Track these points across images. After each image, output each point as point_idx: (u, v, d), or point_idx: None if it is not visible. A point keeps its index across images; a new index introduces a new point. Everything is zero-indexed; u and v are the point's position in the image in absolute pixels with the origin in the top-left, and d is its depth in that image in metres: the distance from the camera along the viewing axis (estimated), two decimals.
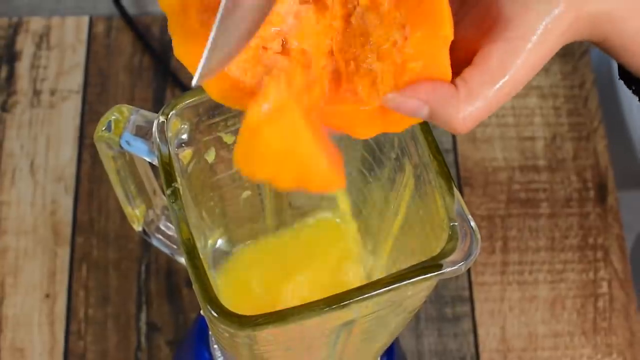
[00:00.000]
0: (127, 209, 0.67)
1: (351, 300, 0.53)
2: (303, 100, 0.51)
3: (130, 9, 1.04)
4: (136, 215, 0.68)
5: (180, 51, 0.51)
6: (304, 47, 0.53)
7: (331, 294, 0.55)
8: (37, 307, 0.89)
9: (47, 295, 0.89)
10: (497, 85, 0.51)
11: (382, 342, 0.66)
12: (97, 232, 0.92)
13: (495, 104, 0.52)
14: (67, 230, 0.92)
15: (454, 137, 0.98)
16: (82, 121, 0.97)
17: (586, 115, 0.99)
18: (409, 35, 0.51)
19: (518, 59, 0.51)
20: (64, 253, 0.91)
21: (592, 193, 0.95)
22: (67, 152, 0.95)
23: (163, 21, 1.03)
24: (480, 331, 0.89)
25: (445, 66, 0.51)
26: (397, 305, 0.57)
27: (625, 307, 0.90)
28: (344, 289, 0.54)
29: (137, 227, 0.69)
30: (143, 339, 0.88)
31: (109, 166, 0.64)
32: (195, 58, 0.48)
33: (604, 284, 0.91)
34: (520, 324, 0.90)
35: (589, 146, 0.97)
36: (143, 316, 0.89)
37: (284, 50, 0.53)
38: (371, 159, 0.65)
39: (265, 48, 0.52)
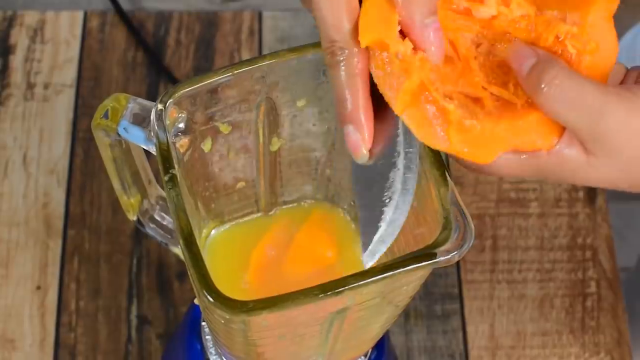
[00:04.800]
0: (123, 198, 0.68)
1: (346, 287, 0.54)
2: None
3: (125, 5, 1.04)
4: (131, 204, 0.68)
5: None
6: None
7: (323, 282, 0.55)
8: (28, 298, 0.89)
9: (39, 287, 0.89)
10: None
11: (373, 333, 0.66)
12: (89, 225, 0.92)
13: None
14: (59, 223, 0.92)
15: None
16: (76, 115, 0.97)
17: None
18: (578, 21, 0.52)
19: None
20: (56, 245, 0.91)
21: (581, 193, 0.96)
22: (60, 145, 0.96)
23: (157, 17, 1.03)
24: (469, 329, 0.90)
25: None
26: (390, 292, 0.58)
27: (613, 306, 0.91)
28: (337, 277, 0.55)
29: (132, 217, 0.69)
30: (133, 332, 0.88)
31: (106, 154, 0.64)
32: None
33: (592, 284, 0.92)
34: (509, 322, 0.90)
35: None
36: (134, 309, 0.89)
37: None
38: None
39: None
